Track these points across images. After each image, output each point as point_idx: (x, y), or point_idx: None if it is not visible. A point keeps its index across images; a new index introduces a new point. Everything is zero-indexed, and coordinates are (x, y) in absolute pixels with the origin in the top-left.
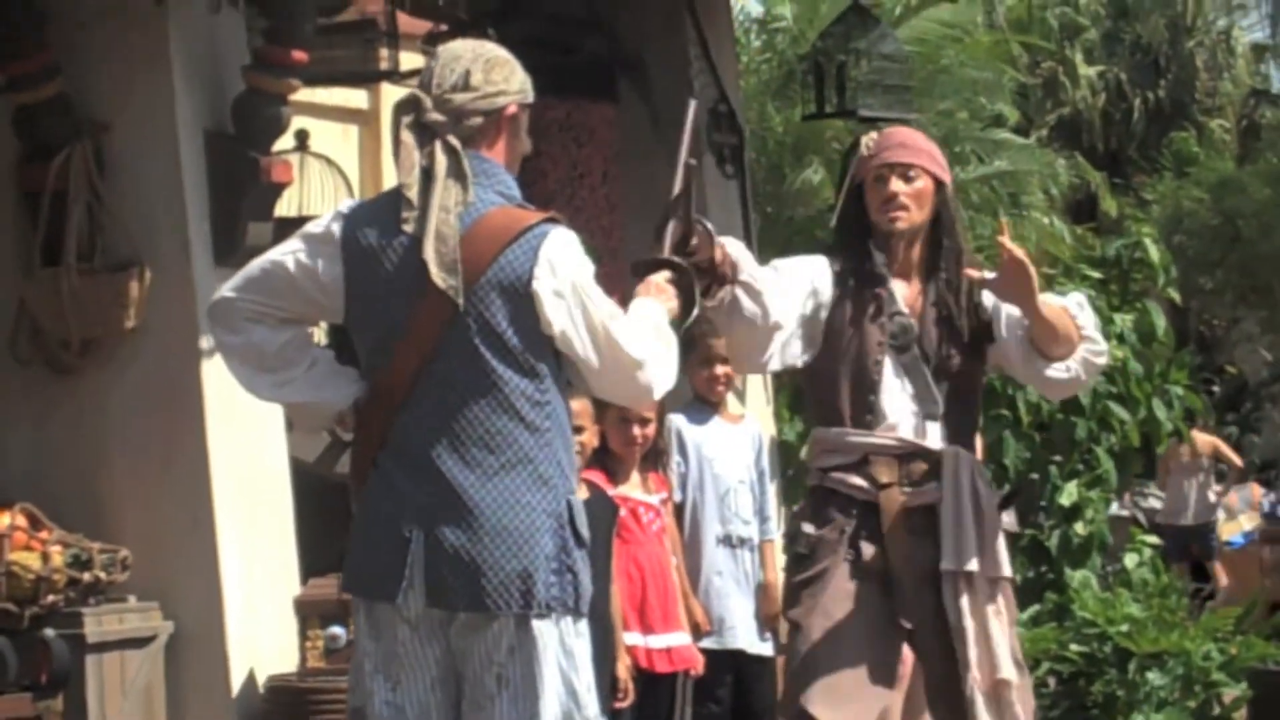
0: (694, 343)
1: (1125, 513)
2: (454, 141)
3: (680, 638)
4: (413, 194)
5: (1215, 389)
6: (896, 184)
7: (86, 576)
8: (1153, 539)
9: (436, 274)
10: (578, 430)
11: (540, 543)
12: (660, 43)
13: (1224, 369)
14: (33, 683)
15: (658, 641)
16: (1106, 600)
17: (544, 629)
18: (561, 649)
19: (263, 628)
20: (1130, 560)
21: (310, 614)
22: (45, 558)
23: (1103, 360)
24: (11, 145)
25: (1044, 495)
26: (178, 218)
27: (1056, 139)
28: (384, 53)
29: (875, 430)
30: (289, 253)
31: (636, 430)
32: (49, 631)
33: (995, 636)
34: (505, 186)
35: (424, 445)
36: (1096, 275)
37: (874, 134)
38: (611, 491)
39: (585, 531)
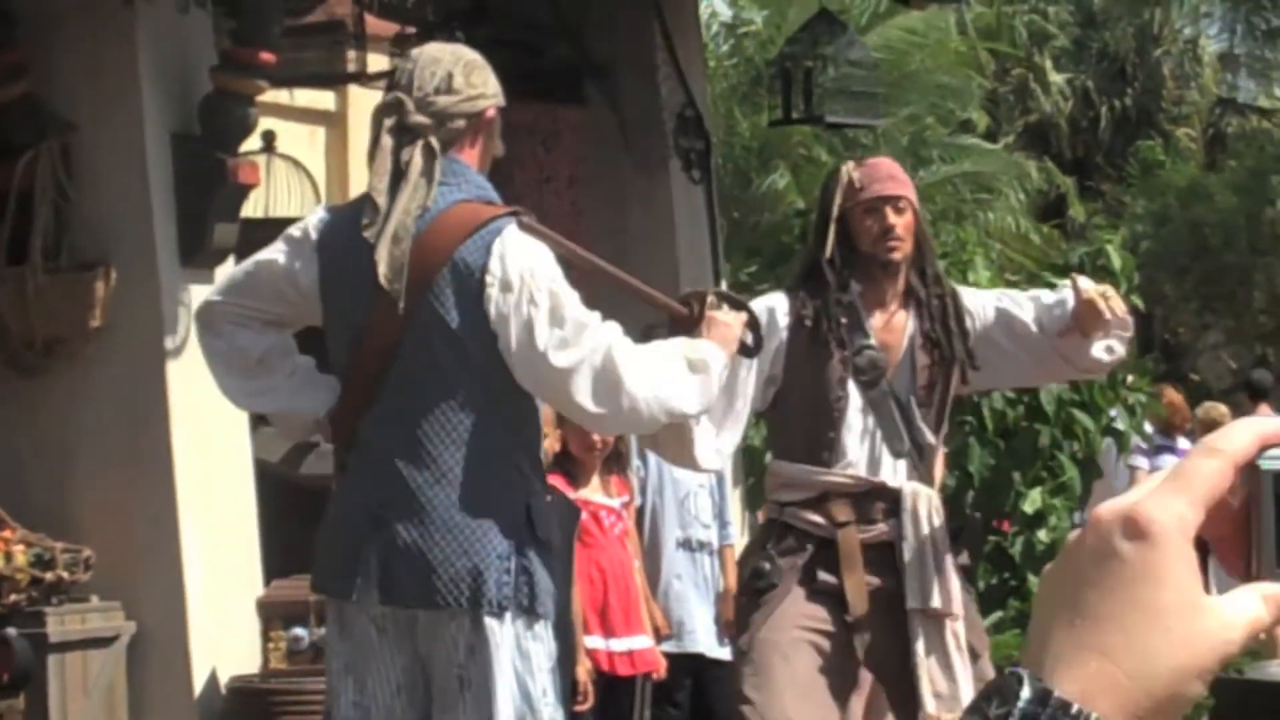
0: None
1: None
2: (435, 144)
3: (642, 640)
4: (380, 198)
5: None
6: (893, 217)
7: (49, 576)
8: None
9: (383, 274)
10: None
11: (491, 541)
12: (628, 47)
13: (1188, 377)
14: None
15: (619, 644)
16: None
17: (498, 629)
18: (517, 651)
19: (225, 628)
20: None
21: (273, 615)
22: (8, 557)
23: (1129, 333)
24: None
25: (1008, 502)
26: (144, 218)
27: (1025, 145)
28: (351, 55)
29: (833, 467)
30: (271, 255)
31: (596, 435)
32: (11, 630)
33: (955, 668)
34: (478, 187)
35: (384, 445)
36: (1061, 282)
37: (853, 164)
38: (572, 495)
39: (547, 534)
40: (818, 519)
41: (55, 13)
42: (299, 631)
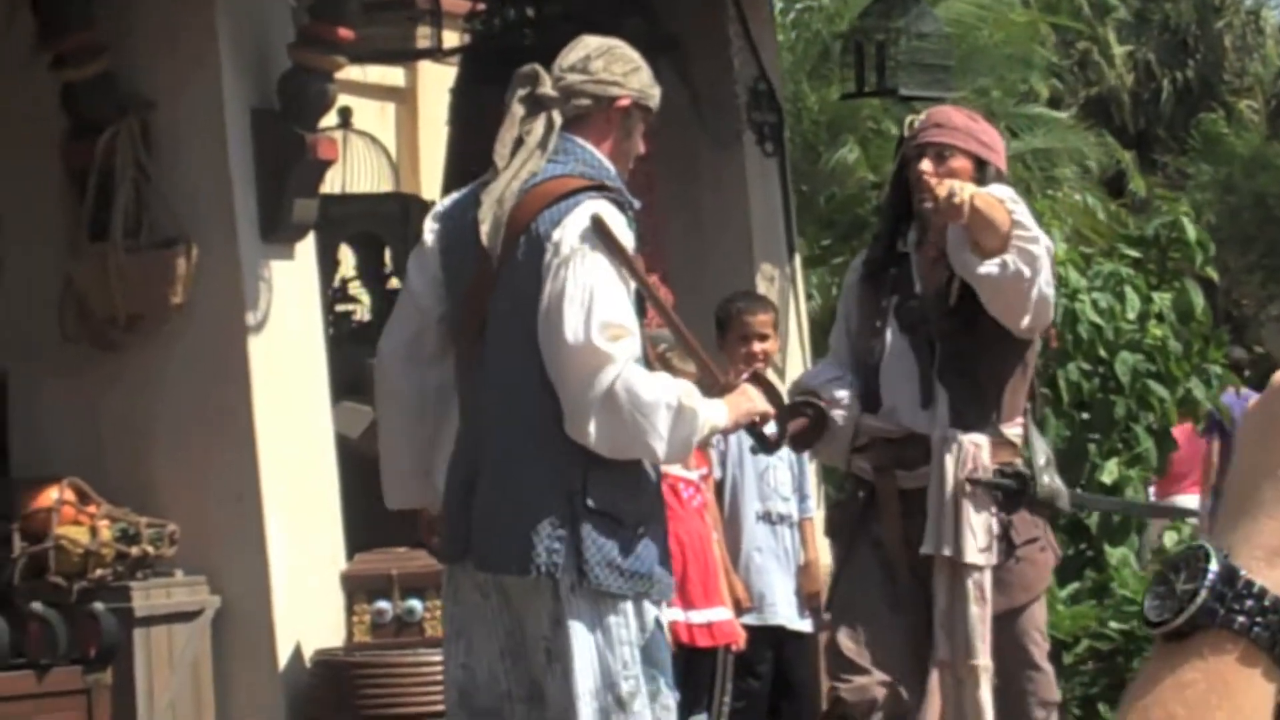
0: (730, 319)
1: None
2: (556, 117)
3: (721, 613)
4: (501, 162)
5: (1246, 371)
6: (927, 164)
7: (134, 551)
8: (1192, 518)
9: (483, 232)
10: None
11: (542, 509)
12: (699, 21)
13: (1252, 349)
14: (81, 656)
15: (698, 617)
16: (1146, 578)
17: (574, 601)
18: (596, 622)
19: (309, 602)
20: (1170, 539)
21: (357, 589)
22: (93, 532)
23: (1037, 248)
24: (58, 122)
25: (1084, 474)
26: (224, 194)
27: (1086, 118)
28: (424, 31)
29: (878, 414)
30: (407, 282)
31: None
32: (98, 606)
33: (973, 622)
34: (587, 167)
35: (477, 410)
36: (1135, 254)
37: (923, 114)
38: None
39: (607, 507)
40: (864, 465)
41: None
42: (383, 605)
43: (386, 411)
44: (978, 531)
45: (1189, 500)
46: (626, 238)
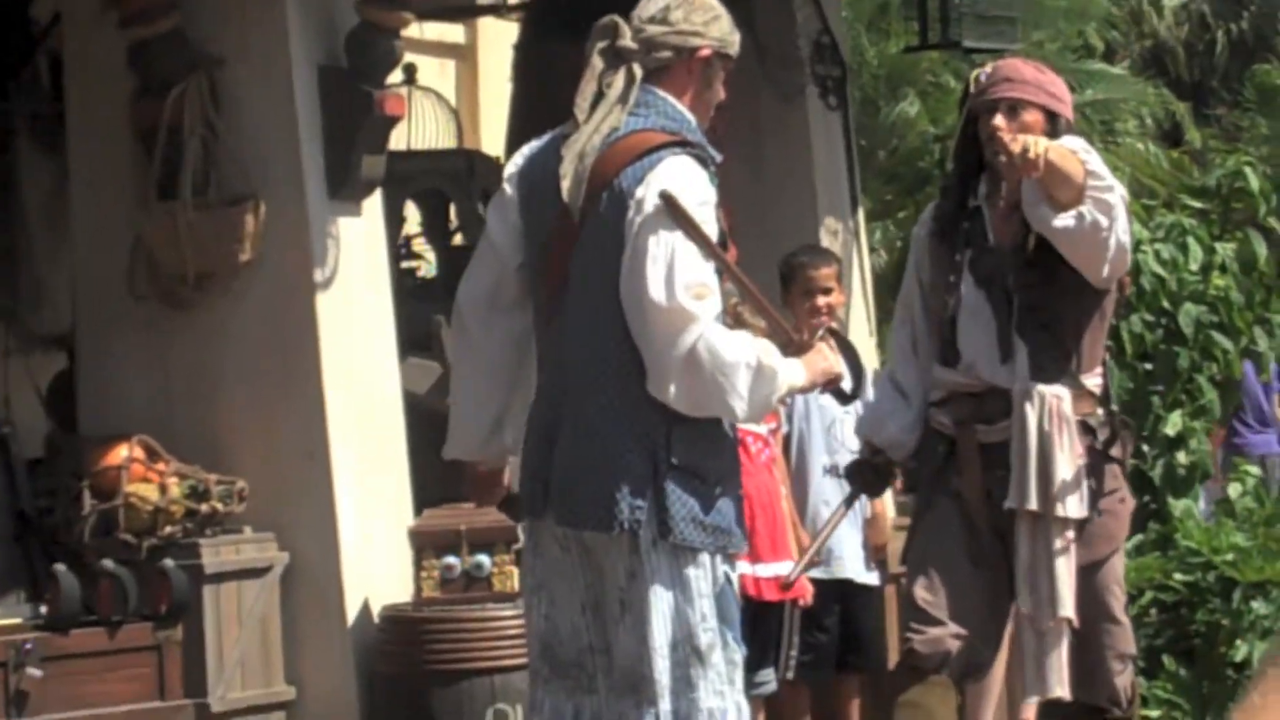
0: (794, 273)
1: None
2: (637, 70)
3: (789, 567)
4: (581, 115)
5: None
6: (1000, 119)
7: (204, 508)
8: (1255, 469)
9: (565, 187)
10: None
11: (628, 464)
12: None
13: None
14: (152, 612)
15: (766, 570)
16: (1211, 529)
17: (653, 555)
18: (674, 576)
19: (377, 558)
20: (1234, 489)
21: (425, 544)
22: (163, 489)
23: (1113, 197)
24: (127, 81)
25: (1147, 425)
26: (292, 152)
27: (1140, 71)
28: None
29: (956, 367)
30: (487, 230)
31: None
32: (169, 562)
33: (1060, 575)
34: (667, 118)
35: (557, 363)
36: (1197, 204)
37: (988, 67)
38: None
39: (691, 462)
40: (944, 419)
41: None
42: (451, 560)
43: (461, 360)
44: (1067, 484)
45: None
46: (707, 194)
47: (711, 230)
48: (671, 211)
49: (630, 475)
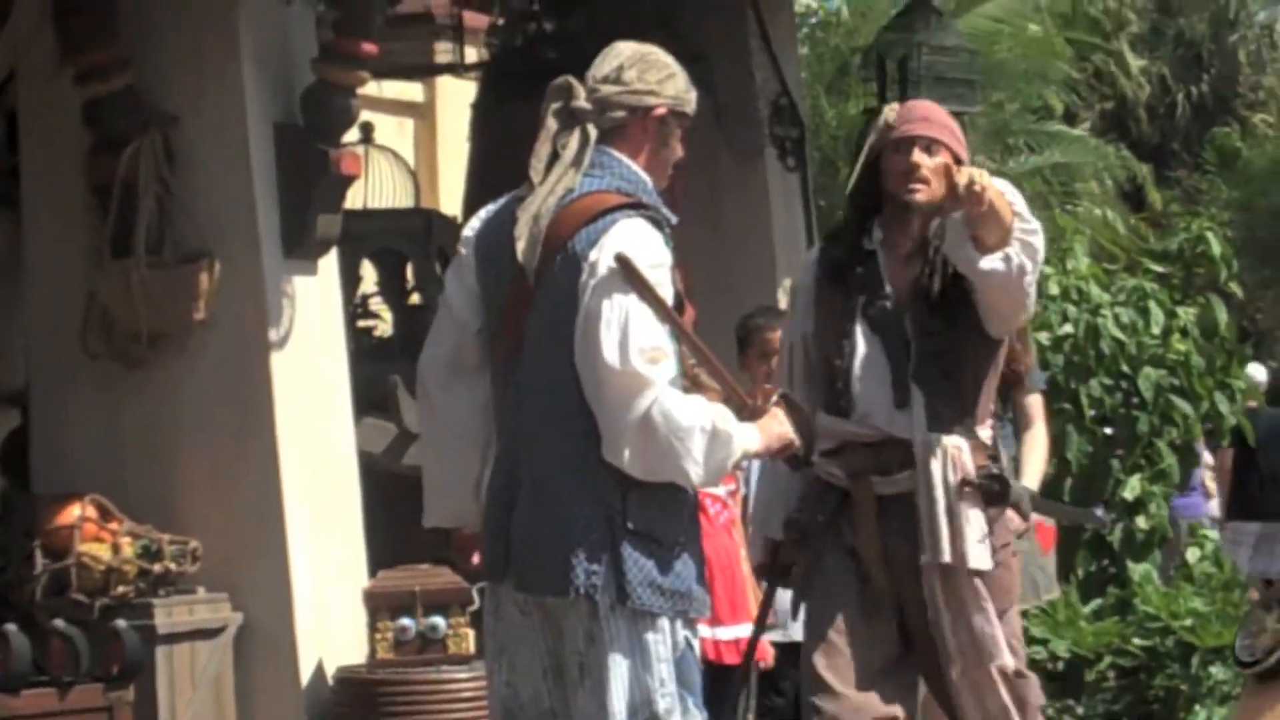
0: (751, 335)
1: None
2: (591, 131)
3: (749, 629)
4: (537, 177)
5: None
6: (919, 156)
7: (157, 568)
8: (1214, 533)
9: (520, 249)
10: None
11: (582, 530)
12: (723, 34)
13: (1267, 364)
14: (104, 674)
15: (725, 633)
16: (1169, 594)
17: (613, 620)
18: (633, 641)
19: (331, 619)
20: (1193, 554)
21: (379, 606)
22: (116, 549)
23: (1038, 240)
24: (82, 137)
25: (1106, 489)
26: (247, 210)
27: (1102, 133)
28: (443, 46)
29: (849, 417)
30: (445, 295)
31: None
32: (120, 622)
33: (978, 625)
34: (622, 179)
35: (514, 426)
36: (1159, 269)
37: (895, 105)
38: None
39: (647, 527)
40: (836, 470)
41: (158, 5)
42: (406, 622)
43: (428, 427)
44: (976, 536)
45: None
46: (662, 256)
47: (667, 293)
48: (626, 274)
49: (586, 540)
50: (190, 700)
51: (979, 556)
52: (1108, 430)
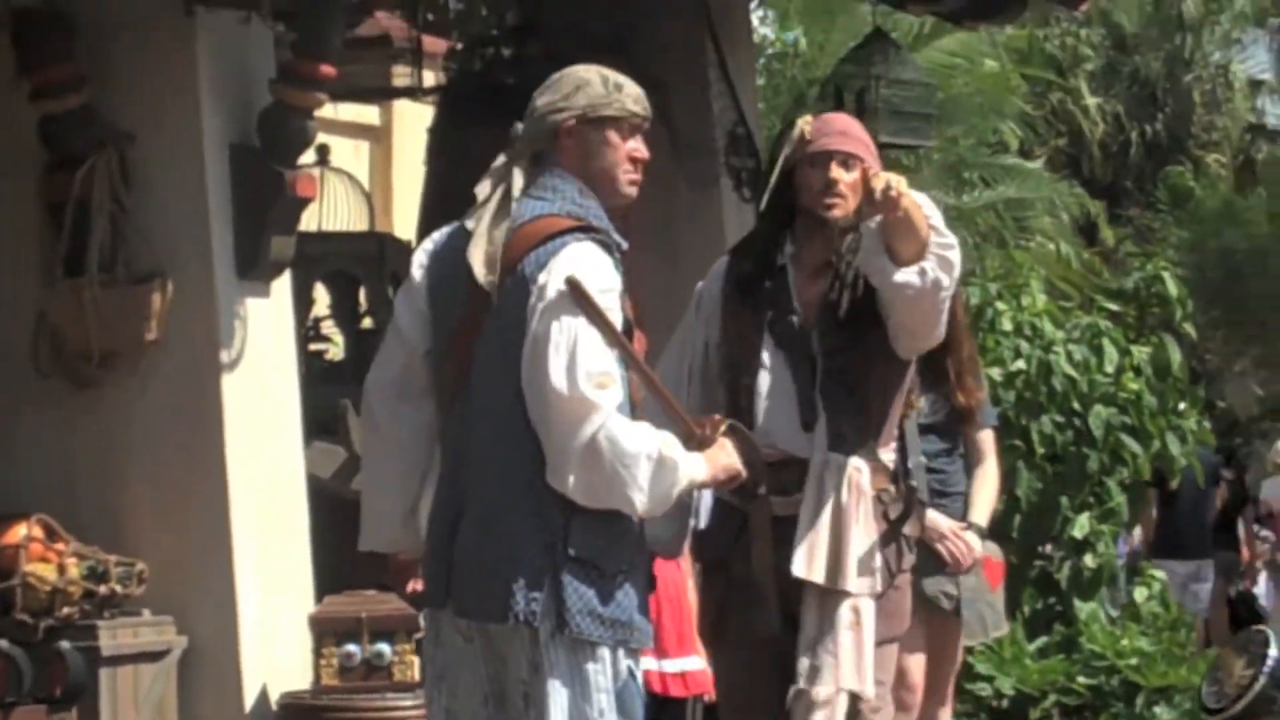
0: None
1: None
2: (528, 155)
3: (695, 662)
4: (483, 204)
5: (1206, 424)
6: (837, 171)
7: (102, 589)
8: (1161, 573)
9: (477, 269)
10: None
11: (524, 557)
12: (680, 64)
13: (1214, 404)
14: (47, 695)
15: (672, 666)
16: (1115, 633)
17: (553, 649)
18: (573, 670)
19: (277, 644)
20: (1140, 594)
21: (325, 631)
22: (61, 569)
23: (955, 255)
24: (37, 155)
25: (1055, 527)
26: (201, 230)
27: (1056, 168)
28: (401, 69)
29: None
30: (394, 317)
31: None
32: (64, 644)
33: (844, 648)
34: (570, 202)
35: (457, 449)
36: (1113, 307)
37: (810, 118)
38: None
39: (590, 555)
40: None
41: (115, 22)
42: (351, 648)
43: (370, 449)
44: (859, 557)
45: None
46: (611, 281)
47: (616, 318)
48: (576, 298)
49: (527, 567)
50: None
51: (860, 580)
52: (1057, 468)
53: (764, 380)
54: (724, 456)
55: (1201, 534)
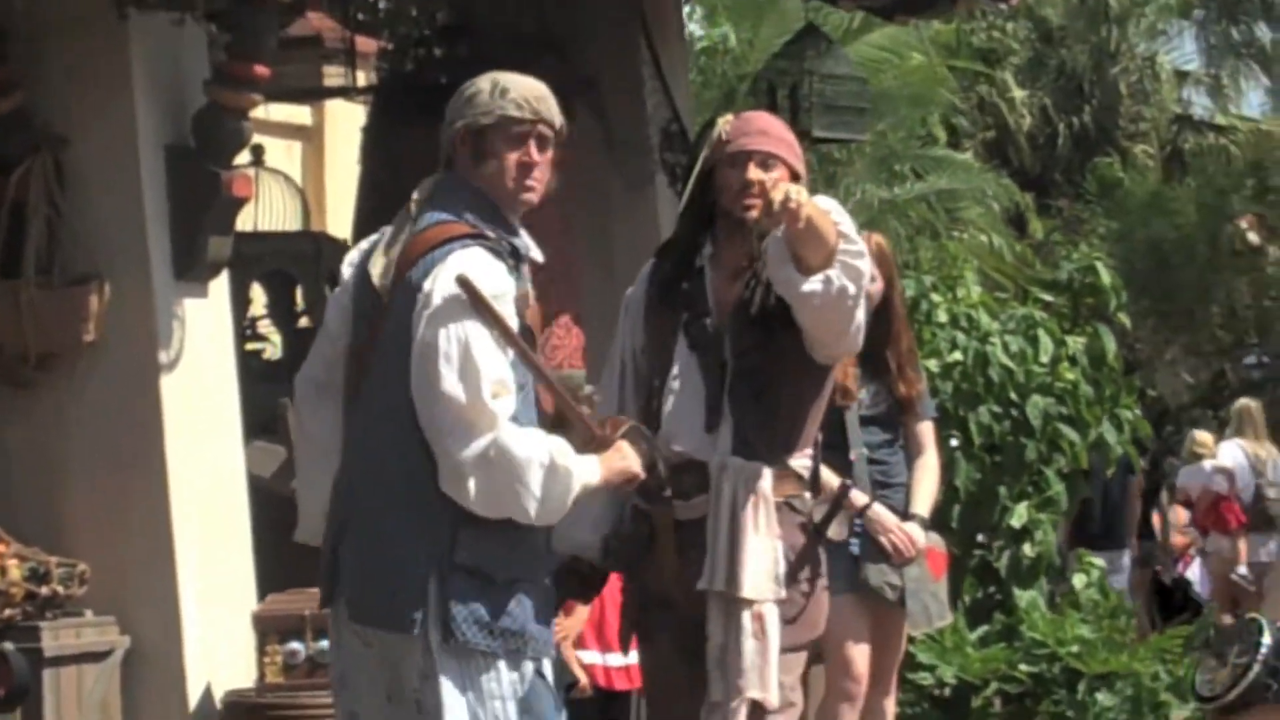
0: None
1: None
2: (443, 162)
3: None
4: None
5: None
6: (755, 171)
7: (44, 590)
8: (1100, 560)
9: (374, 275)
10: None
11: (408, 562)
12: (613, 62)
13: (1145, 393)
14: None
15: (616, 659)
16: (1056, 621)
17: (445, 659)
18: (466, 679)
19: (220, 643)
20: (1079, 581)
21: (268, 629)
22: (2, 571)
23: (863, 264)
24: None
25: (994, 517)
26: (137, 232)
27: (985, 160)
28: (333, 70)
29: (658, 439)
30: (325, 313)
31: None
32: (7, 645)
33: (747, 656)
34: (465, 207)
35: (352, 456)
36: (1047, 298)
37: (730, 117)
38: None
39: (478, 563)
40: (640, 496)
41: (48, 25)
42: (295, 645)
43: (298, 444)
44: (758, 564)
45: None
46: (502, 286)
47: (511, 322)
48: (469, 298)
49: (412, 575)
50: None
51: (759, 586)
52: (996, 458)
53: (675, 382)
54: (619, 459)
55: (1116, 525)
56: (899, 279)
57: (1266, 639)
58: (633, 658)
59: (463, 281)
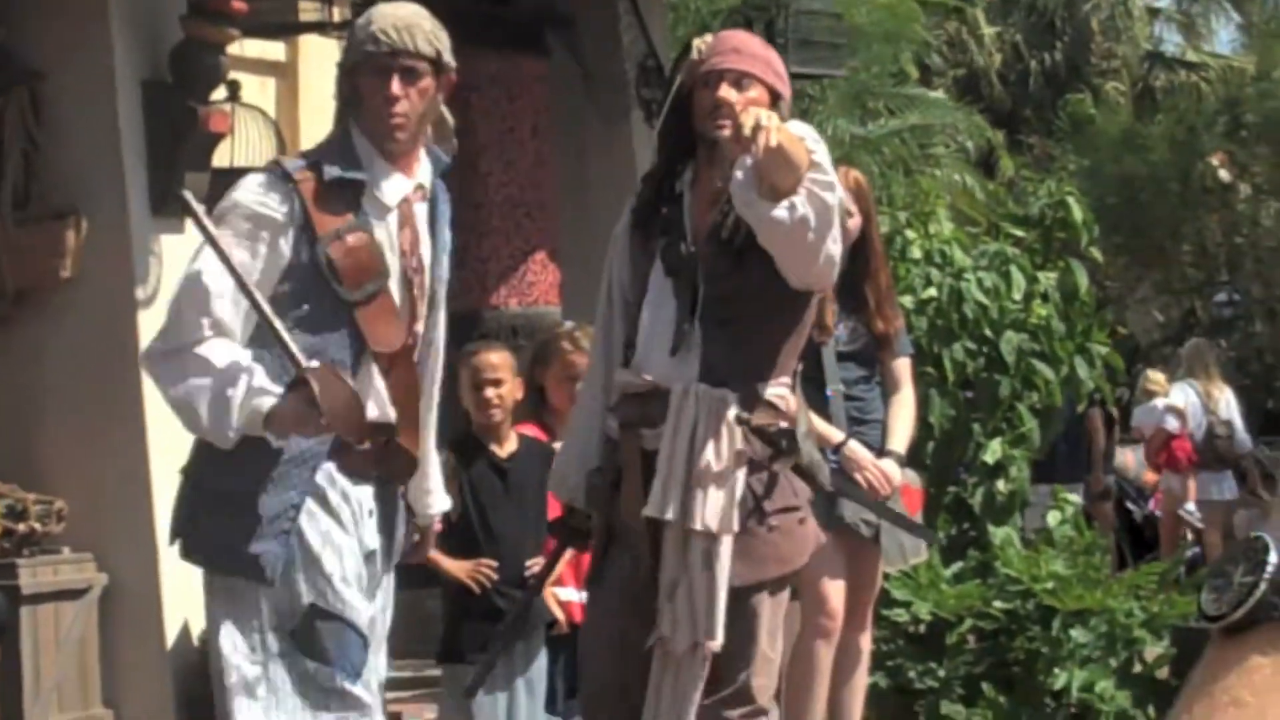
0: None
1: None
2: None
3: None
4: None
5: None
6: (727, 90)
7: (21, 527)
8: (1074, 496)
9: None
10: (495, 383)
11: (180, 485)
12: None
13: (1116, 330)
14: None
15: None
16: (1030, 557)
17: (213, 579)
18: (229, 602)
19: (197, 580)
20: (1053, 518)
21: None
22: None
23: (831, 197)
24: None
25: (968, 452)
26: (115, 167)
27: (957, 98)
28: (311, 5)
29: (631, 366)
30: None
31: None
32: None
33: (697, 594)
34: (318, 147)
35: None
36: (1019, 233)
37: (708, 37)
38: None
39: (223, 484)
40: (612, 423)
41: None
42: None
43: None
44: (713, 493)
45: None
46: (255, 206)
47: (241, 243)
48: (193, 220)
49: (179, 497)
50: (54, 660)
51: (710, 516)
52: (969, 394)
53: (649, 308)
54: (291, 404)
55: (1074, 460)
56: (876, 215)
57: (1273, 557)
58: None
59: (181, 201)
